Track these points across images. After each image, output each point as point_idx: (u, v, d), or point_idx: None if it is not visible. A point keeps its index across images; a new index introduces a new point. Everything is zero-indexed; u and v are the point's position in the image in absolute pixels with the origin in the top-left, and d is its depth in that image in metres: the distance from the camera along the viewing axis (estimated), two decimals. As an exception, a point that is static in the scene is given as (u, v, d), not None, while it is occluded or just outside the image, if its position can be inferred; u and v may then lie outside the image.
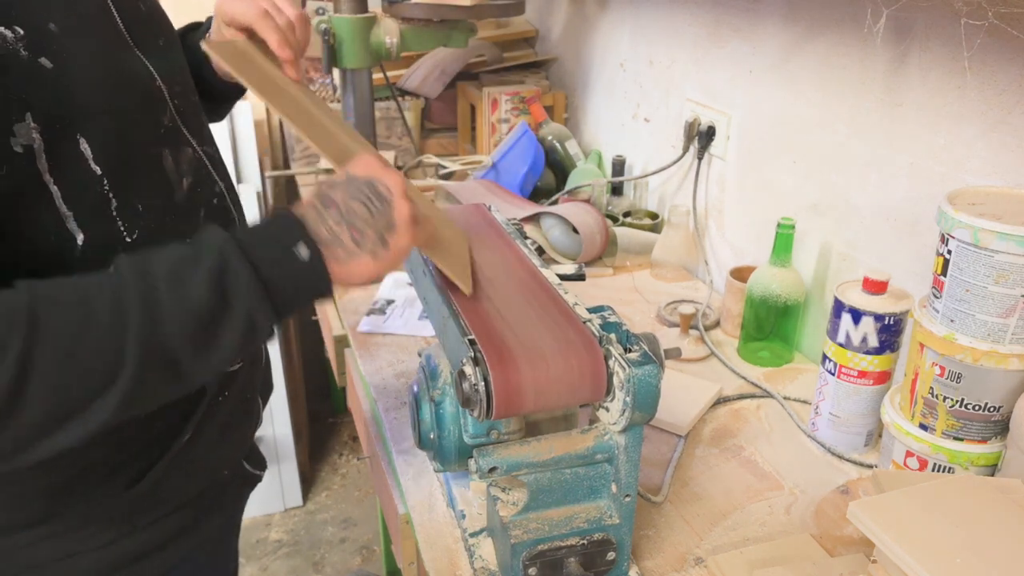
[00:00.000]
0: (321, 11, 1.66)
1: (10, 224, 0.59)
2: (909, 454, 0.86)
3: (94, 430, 0.56)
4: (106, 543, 0.74)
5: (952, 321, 0.80)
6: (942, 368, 0.81)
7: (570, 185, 1.70)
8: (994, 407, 0.80)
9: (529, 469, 0.72)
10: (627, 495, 0.74)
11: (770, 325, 1.18)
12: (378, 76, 1.87)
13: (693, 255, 1.48)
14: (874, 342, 0.93)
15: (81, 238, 0.63)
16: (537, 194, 1.77)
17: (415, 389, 0.83)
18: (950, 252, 0.78)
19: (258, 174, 2.09)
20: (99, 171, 0.63)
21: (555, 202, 1.66)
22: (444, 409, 0.80)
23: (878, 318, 0.92)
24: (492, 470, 0.70)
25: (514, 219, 1.00)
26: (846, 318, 0.94)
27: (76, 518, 0.72)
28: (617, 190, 1.69)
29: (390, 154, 1.95)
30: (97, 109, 0.63)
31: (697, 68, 1.48)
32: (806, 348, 1.25)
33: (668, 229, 1.46)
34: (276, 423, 2.15)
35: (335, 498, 2.38)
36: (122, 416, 0.57)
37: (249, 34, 0.84)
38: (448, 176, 1.91)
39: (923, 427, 0.85)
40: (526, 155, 1.73)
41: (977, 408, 0.81)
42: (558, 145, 1.82)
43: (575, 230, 1.46)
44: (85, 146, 0.62)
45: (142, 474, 0.73)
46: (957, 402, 0.81)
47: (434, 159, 1.96)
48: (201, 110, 0.83)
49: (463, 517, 0.86)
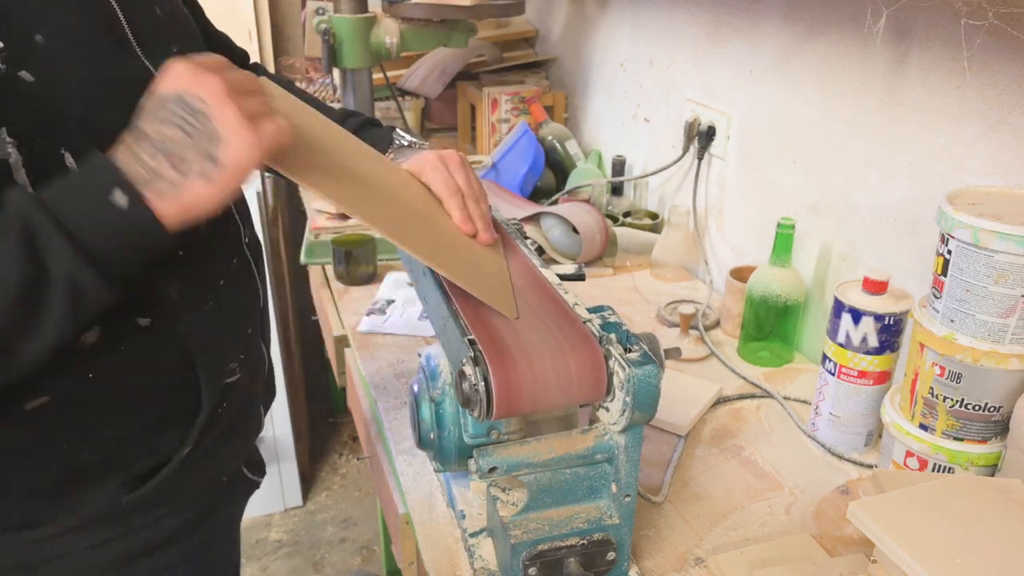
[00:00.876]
0: (321, 11, 1.66)
1: None
2: (909, 454, 0.86)
3: None
4: (100, 543, 0.74)
5: (952, 321, 0.80)
6: (942, 368, 0.81)
7: (570, 185, 1.70)
8: (994, 407, 0.80)
9: (529, 469, 0.72)
10: (627, 495, 0.74)
11: (770, 325, 1.18)
12: (378, 76, 1.88)
13: (693, 255, 1.48)
14: (874, 342, 0.93)
15: None
16: (537, 194, 1.77)
17: (415, 389, 0.83)
18: (950, 252, 0.78)
19: (258, 174, 2.09)
20: None
21: (555, 202, 1.66)
22: (444, 409, 0.80)
23: (878, 318, 0.92)
24: (492, 470, 0.70)
25: (514, 219, 1.00)
26: (846, 318, 0.94)
27: (71, 518, 0.72)
28: (617, 190, 1.69)
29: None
30: (84, 124, 0.61)
31: (697, 68, 1.48)
32: (806, 348, 1.25)
33: (668, 229, 1.46)
34: (276, 423, 2.15)
35: (335, 498, 2.38)
36: None
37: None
38: (448, 176, 1.91)
39: (923, 427, 0.85)
40: (526, 155, 1.73)
41: (977, 408, 0.81)
42: (558, 145, 1.82)
43: (575, 230, 1.46)
44: (71, 162, 0.60)
45: (141, 481, 0.73)
46: (957, 402, 0.81)
47: (434, 159, 1.96)
48: None
49: (463, 517, 0.86)
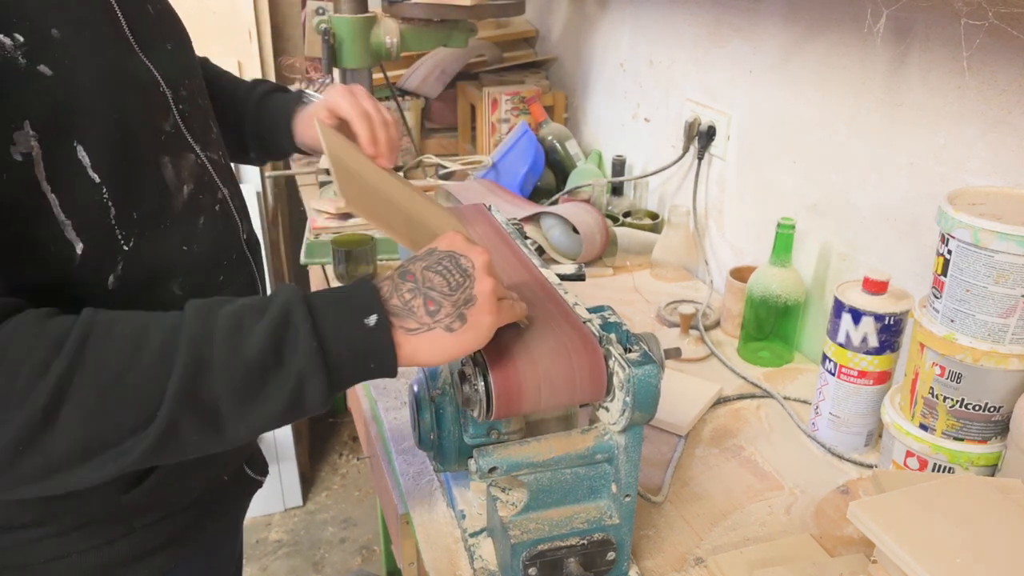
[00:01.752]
0: (321, 11, 1.66)
1: (9, 233, 0.59)
2: (909, 454, 0.86)
3: (123, 470, 0.55)
4: (101, 544, 0.74)
5: (952, 321, 0.80)
6: (942, 368, 0.81)
7: (570, 185, 1.70)
8: (994, 407, 0.80)
9: (529, 469, 0.72)
10: (627, 495, 0.74)
11: (770, 325, 1.18)
12: (378, 76, 1.88)
13: (693, 255, 1.48)
14: (874, 342, 0.93)
15: (80, 247, 0.63)
16: (537, 194, 1.77)
17: (415, 389, 0.83)
18: (950, 252, 0.78)
19: (258, 174, 2.09)
20: (97, 179, 0.63)
21: (555, 202, 1.66)
22: (444, 409, 0.80)
23: (878, 318, 0.92)
24: (492, 470, 0.70)
25: (514, 219, 1.00)
26: (846, 318, 0.94)
27: (72, 519, 0.72)
28: (617, 190, 1.69)
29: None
30: (96, 116, 0.62)
31: (697, 68, 1.48)
32: (806, 348, 1.25)
33: (668, 229, 1.46)
34: (276, 423, 2.15)
35: (335, 498, 2.38)
36: (153, 460, 0.56)
37: (343, 126, 0.90)
38: (448, 176, 1.91)
39: (923, 427, 0.85)
40: (526, 155, 1.73)
41: (977, 408, 0.81)
42: (558, 145, 1.82)
43: (575, 230, 1.46)
44: (83, 154, 0.61)
45: (139, 479, 0.73)
46: (957, 402, 0.81)
47: (434, 159, 1.96)
48: (210, 116, 0.82)
49: (463, 517, 0.86)
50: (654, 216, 1.62)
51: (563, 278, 0.86)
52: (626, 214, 1.63)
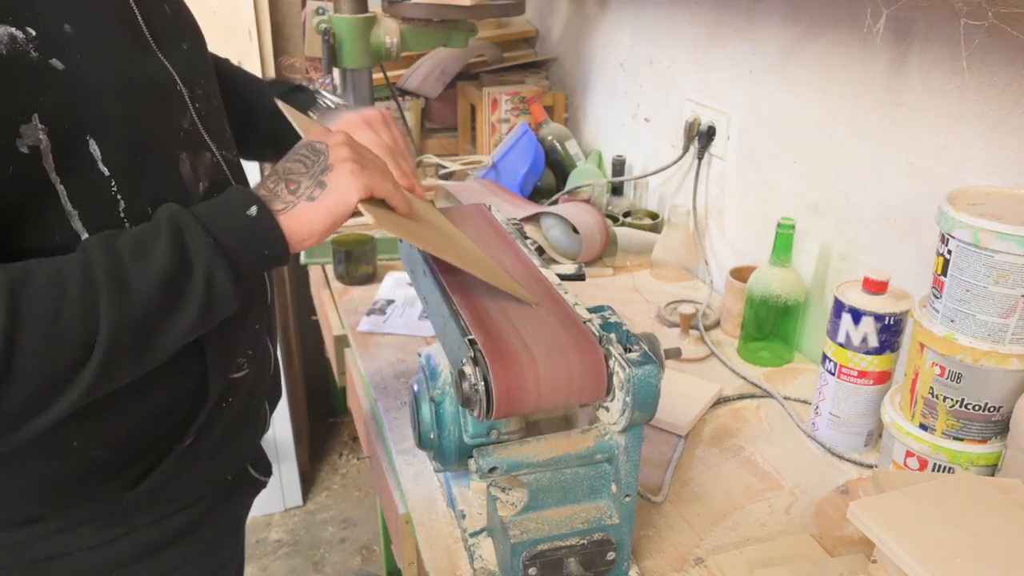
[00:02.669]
0: (321, 11, 1.66)
1: (15, 222, 0.59)
2: (909, 454, 0.86)
3: (75, 403, 0.58)
4: (104, 542, 0.74)
5: (952, 321, 0.80)
6: (942, 368, 0.81)
7: (570, 185, 1.70)
8: (994, 407, 0.80)
9: (529, 469, 0.72)
10: (627, 495, 0.74)
11: (770, 325, 1.18)
12: (378, 76, 1.88)
13: (693, 255, 1.48)
14: (874, 342, 0.93)
15: (86, 236, 0.63)
16: (537, 194, 1.77)
17: (415, 389, 0.83)
18: (950, 252, 0.78)
19: (258, 174, 2.09)
20: (107, 172, 0.63)
21: (555, 202, 1.66)
22: (444, 409, 0.80)
23: (878, 318, 0.92)
24: (492, 470, 0.70)
25: (514, 219, 1.00)
26: (846, 318, 0.94)
27: (75, 517, 0.72)
28: (617, 190, 1.69)
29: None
30: (110, 111, 0.63)
31: (697, 68, 1.48)
32: (806, 348, 1.25)
33: (668, 229, 1.46)
34: (276, 423, 2.15)
35: (335, 498, 2.38)
36: (100, 389, 0.59)
37: None
38: (448, 176, 1.91)
39: (923, 427, 0.85)
40: (526, 155, 1.73)
41: (977, 408, 0.81)
42: (558, 145, 1.82)
43: (575, 230, 1.46)
44: (94, 147, 0.62)
45: (142, 477, 0.73)
46: (957, 402, 0.81)
47: (434, 159, 1.96)
48: (224, 115, 0.83)
49: (463, 517, 0.86)
50: (654, 216, 1.62)
51: (563, 278, 0.86)
52: (626, 214, 1.63)
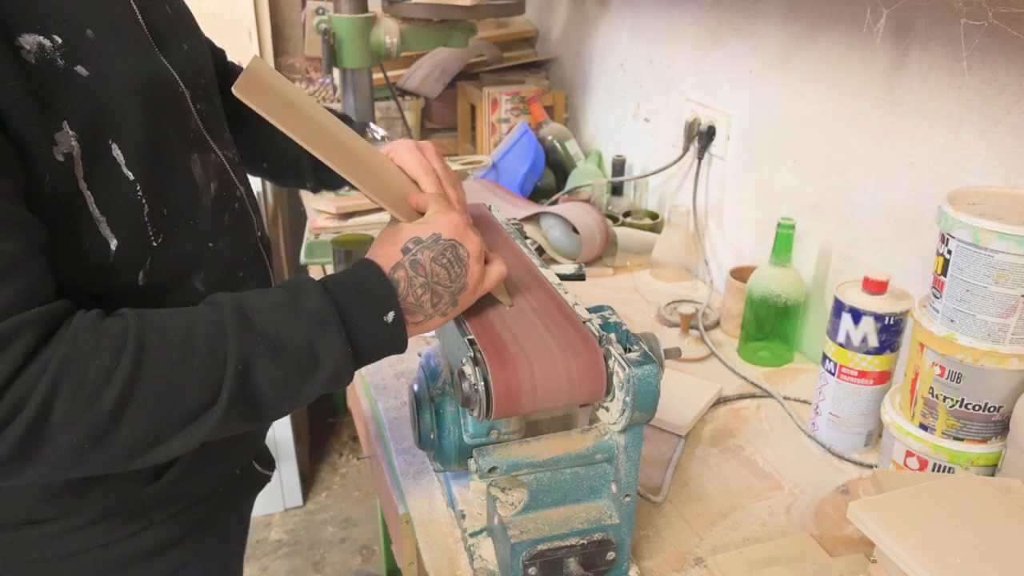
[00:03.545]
0: (321, 11, 1.66)
1: (48, 230, 0.60)
2: (909, 454, 0.86)
3: (179, 452, 0.61)
4: (123, 537, 0.75)
5: (952, 321, 0.80)
6: (942, 368, 0.81)
7: (570, 185, 1.70)
8: (994, 407, 0.80)
9: (529, 469, 0.72)
10: (627, 495, 0.74)
11: (770, 325, 1.18)
12: (378, 76, 1.88)
13: (693, 255, 1.48)
14: (874, 342, 0.93)
15: (114, 243, 0.64)
16: (537, 194, 1.77)
17: (415, 389, 0.83)
18: (950, 252, 0.78)
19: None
20: (131, 176, 0.64)
21: (555, 202, 1.66)
22: (444, 409, 0.80)
23: (878, 318, 0.92)
24: (492, 470, 0.70)
25: (514, 219, 1.00)
26: (846, 318, 0.94)
27: (95, 512, 0.72)
28: (617, 190, 1.69)
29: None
30: (129, 115, 0.63)
31: (697, 68, 1.48)
32: (806, 348, 1.25)
33: (668, 229, 1.46)
34: (276, 423, 2.15)
35: (335, 498, 2.38)
36: (203, 443, 0.61)
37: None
38: (448, 176, 1.91)
39: (923, 427, 0.85)
40: (526, 155, 1.73)
41: (977, 408, 0.81)
42: (558, 145, 1.82)
43: (575, 230, 1.46)
44: (117, 152, 0.62)
45: (161, 471, 0.74)
46: (957, 402, 0.81)
47: (434, 159, 1.96)
48: (223, 115, 0.83)
49: (463, 517, 0.86)
50: (654, 216, 1.62)
51: (563, 278, 0.86)
52: (626, 214, 1.63)
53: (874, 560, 0.69)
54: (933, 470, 0.85)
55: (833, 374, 0.98)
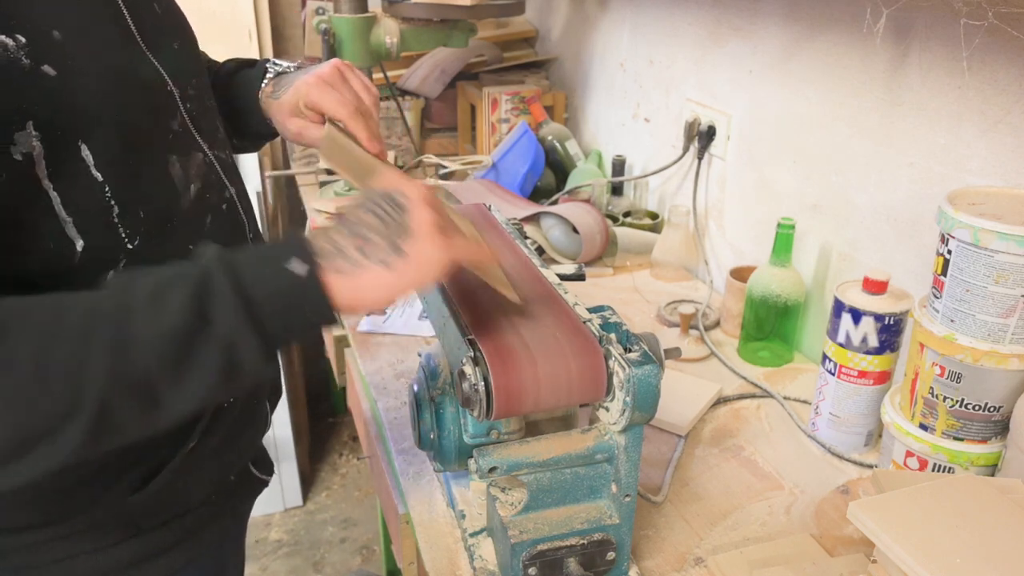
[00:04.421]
0: (321, 11, 1.66)
1: (9, 229, 0.59)
2: (909, 454, 0.86)
3: (63, 462, 0.52)
4: (109, 546, 0.74)
5: (952, 321, 0.80)
6: (942, 368, 0.81)
7: (570, 185, 1.70)
8: (994, 407, 0.80)
9: (529, 469, 0.72)
10: (627, 495, 0.74)
11: (770, 325, 1.18)
12: (378, 76, 1.88)
13: (693, 255, 1.48)
14: (874, 342, 0.93)
15: (80, 244, 0.63)
16: (537, 194, 1.77)
17: (415, 389, 0.83)
18: (950, 252, 0.78)
19: (258, 174, 2.09)
20: (100, 178, 0.63)
21: (555, 202, 1.66)
22: (444, 409, 0.80)
23: (878, 318, 0.92)
24: (492, 470, 0.70)
25: (514, 219, 1.00)
26: (846, 318, 0.94)
27: (80, 520, 0.72)
28: (617, 190, 1.69)
29: (390, 154, 1.95)
30: (101, 116, 0.62)
31: (697, 68, 1.48)
32: (806, 348, 1.25)
33: (668, 229, 1.46)
34: (276, 423, 2.15)
35: (335, 498, 2.38)
36: (93, 448, 0.53)
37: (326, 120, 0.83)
38: (448, 176, 1.91)
39: (923, 427, 0.85)
40: (526, 155, 1.73)
41: (977, 408, 0.81)
42: (558, 145, 1.82)
43: (575, 230, 1.46)
44: (87, 153, 0.61)
45: (147, 479, 0.73)
46: (957, 402, 0.81)
47: (434, 159, 1.96)
48: (217, 114, 0.82)
49: (463, 517, 0.86)
50: (654, 216, 1.63)
51: (563, 278, 0.86)
52: (626, 214, 1.63)
53: (874, 560, 0.69)
54: (933, 470, 0.85)
55: (833, 374, 0.98)
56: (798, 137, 1.23)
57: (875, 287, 0.93)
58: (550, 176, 1.82)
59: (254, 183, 2.07)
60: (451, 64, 2.05)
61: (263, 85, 0.90)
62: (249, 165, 2.07)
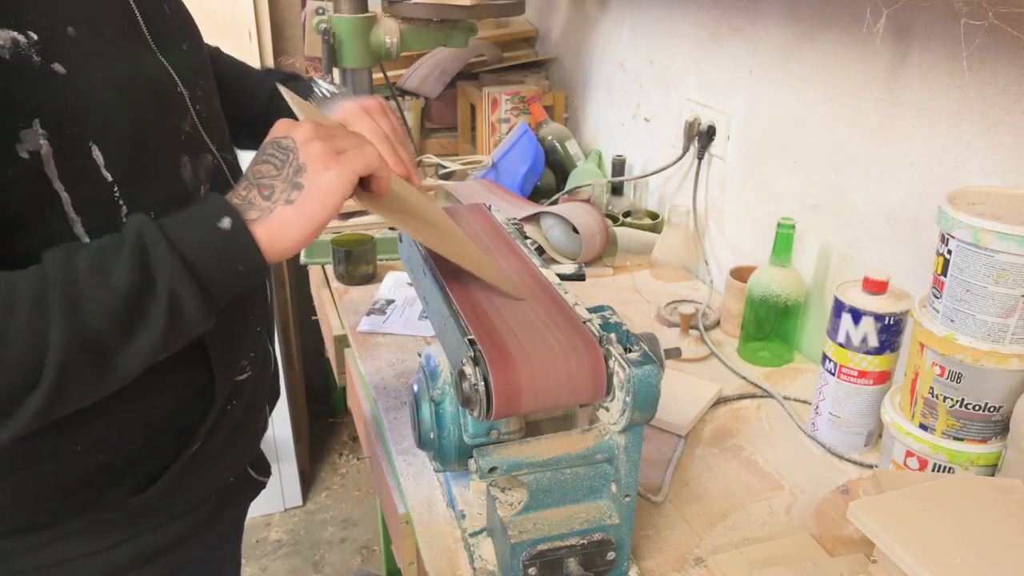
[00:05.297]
0: (321, 11, 1.66)
1: (18, 228, 0.59)
2: (909, 454, 0.86)
3: (27, 426, 0.55)
4: (108, 547, 0.74)
5: (952, 321, 0.80)
6: (942, 368, 0.81)
7: (570, 185, 1.70)
8: (994, 407, 0.80)
9: (529, 469, 0.72)
10: (627, 495, 0.74)
11: (770, 325, 1.18)
12: (378, 76, 1.87)
13: (693, 255, 1.48)
14: (874, 342, 0.93)
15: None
16: (537, 194, 1.77)
17: (415, 389, 0.83)
18: (950, 252, 0.78)
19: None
20: (110, 178, 0.63)
21: (555, 202, 1.66)
22: (444, 409, 0.80)
23: (878, 318, 0.92)
24: (492, 470, 0.70)
25: (514, 219, 1.00)
26: (846, 318, 0.94)
27: (80, 522, 0.71)
28: (617, 190, 1.69)
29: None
30: (112, 116, 0.62)
31: (697, 68, 1.48)
32: (806, 348, 1.25)
33: (668, 229, 1.46)
34: (276, 423, 2.15)
35: (335, 498, 2.38)
36: (50, 413, 0.56)
37: None
38: (448, 176, 1.91)
39: (923, 427, 0.85)
40: (526, 155, 1.73)
41: (977, 408, 0.81)
42: (558, 145, 1.82)
43: (575, 230, 1.46)
44: (97, 153, 0.61)
45: (149, 482, 0.73)
46: (957, 402, 0.81)
47: (434, 159, 1.96)
48: (223, 117, 0.82)
49: (463, 517, 0.86)
50: (654, 216, 1.63)
51: (563, 278, 0.86)
52: (626, 214, 1.63)
53: (874, 560, 0.69)
54: (933, 470, 0.85)
55: (833, 374, 0.98)
56: (798, 137, 1.23)
57: (875, 287, 0.93)
58: (550, 176, 1.82)
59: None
60: (451, 64, 2.05)
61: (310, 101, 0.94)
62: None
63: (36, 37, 0.57)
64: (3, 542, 0.70)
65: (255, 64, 2.06)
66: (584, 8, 1.94)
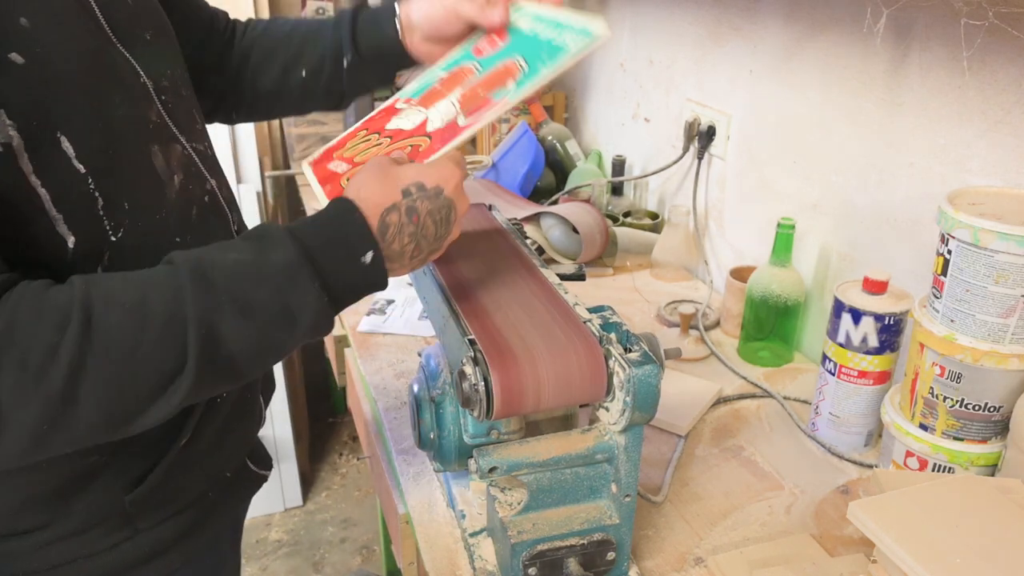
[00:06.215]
0: (321, 11, 1.66)
1: (6, 235, 0.58)
2: (909, 454, 0.86)
3: (158, 422, 0.59)
4: (107, 548, 0.73)
5: (952, 321, 0.80)
6: (942, 368, 0.81)
7: (570, 185, 1.70)
8: (994, 407, 0.80)
9: (529, 469, 0.72)
10: (627, 495, 0.74)
11: (770, 325, 1.18)
12: (378, 76, 1.87)
13: (693, 255, 1.48)
14: (874, 342, 0.93)
15: (72, 240, 0.62)
16: (537, 194, 1.77)
17: (415, 389, 0.83)
18: (950, 252, 0.78)
19: (258, 174, 2.09)
20: (83, 169, 0.62)
21: (555, 202, 1.66)
22: (444, 409, 0.80)
23: (878, 318, 0.92)
24: (492, 470, 0.70)
25: (514, 219, 1.00)
26: (846, 318, 0.94)
27: (77, 522, 0.71)
28: (617, 190, 1.69)
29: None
30: (76, 105, 0.62)
31: (697, 68, 1.48)
32: (806, 348, 1.25)
33: (668, 229, 1.46)
34: (276, 423, 2.15)
35: (335, 498, 2.38)
36: (177, 411, 0.60)
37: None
38: (448, 176, 1.91)
39: (923, 427, 0.85)
40: (526, 155, 1.73)
41: (977, 408, 0.81)
42: (558, 145, 1.82)
43: (575, 230, 1.46)
44: (67, 144, 0.61)
45: (142, 477, 0.73)
46: (957, 402, 0.81)
47: (434, 159, 1.96)
48: (194, 106, 0.81)
49: (463, 517, 0.86)
50: (654, 216, 1.63)
51: (563, 278, 0.86)
52: (626, 214, 1.63)
53: (874, 560, 0.69)
54: (933, 470, 0.85)
55: (833, 374, 0.98)
56: (798, 137, 1.23)
57: (875, 287, 0.93)
58: (550, 176, 1.82)
59: (254, 182, 2.07)
60: (451, 64, 2.05)
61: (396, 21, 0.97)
62: (249, 165, 2.07)
63: None
64: (6, 544, 0.70)
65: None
66: (584, 8, 1.94)
